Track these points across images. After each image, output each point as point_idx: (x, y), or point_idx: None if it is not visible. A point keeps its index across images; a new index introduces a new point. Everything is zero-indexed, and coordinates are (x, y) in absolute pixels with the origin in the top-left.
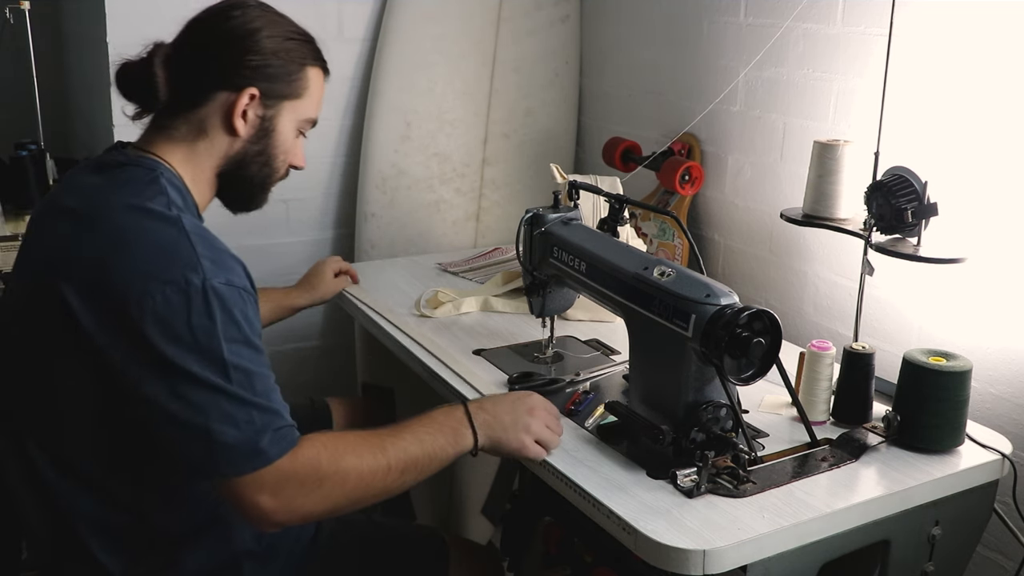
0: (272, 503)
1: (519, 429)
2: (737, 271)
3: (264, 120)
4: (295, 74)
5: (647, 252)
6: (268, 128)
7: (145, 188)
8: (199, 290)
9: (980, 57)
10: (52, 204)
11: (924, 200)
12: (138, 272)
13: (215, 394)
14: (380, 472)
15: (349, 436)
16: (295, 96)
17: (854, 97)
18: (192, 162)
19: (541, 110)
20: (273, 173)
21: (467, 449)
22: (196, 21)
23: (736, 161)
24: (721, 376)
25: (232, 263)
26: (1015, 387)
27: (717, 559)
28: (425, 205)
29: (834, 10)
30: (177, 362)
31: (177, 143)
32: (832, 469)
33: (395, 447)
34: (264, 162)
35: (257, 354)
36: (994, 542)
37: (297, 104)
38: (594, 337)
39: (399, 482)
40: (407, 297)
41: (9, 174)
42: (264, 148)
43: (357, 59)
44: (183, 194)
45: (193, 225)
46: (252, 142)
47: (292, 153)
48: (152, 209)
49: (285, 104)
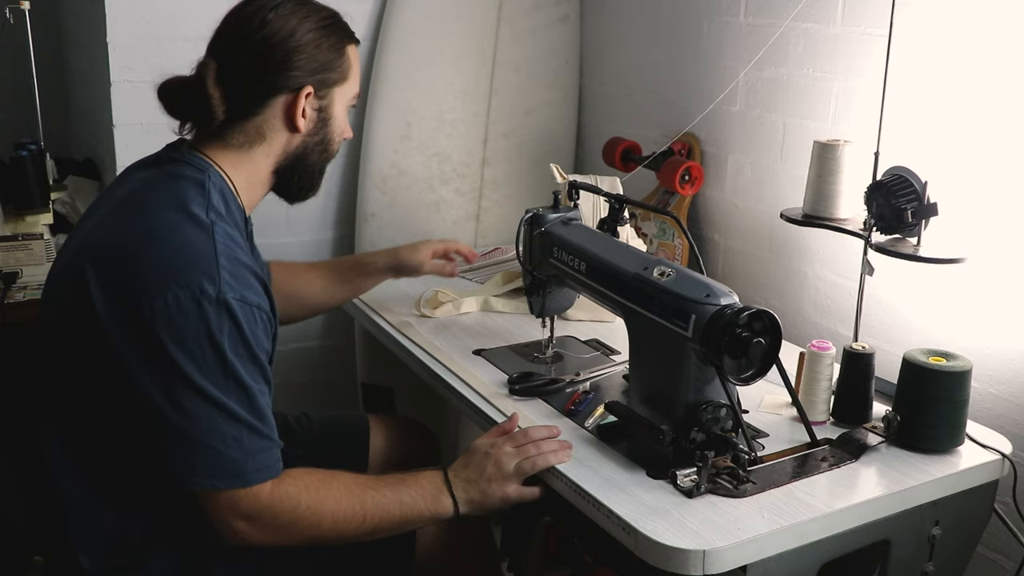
0: (244, 527)
1: (496, 483)
2: (737, 271)
3: (321, 111)
4: (338, 59)
5: (647, 252)
6: (326, 117)
7: (189, 188)
8: (212, 300)
9: (980, 57)
10: (108, 191)
11: (924, 200)
12: (158, 270)
13: (210, 406)
14: (354, 523)
15: (334, 483)
16: (343, 80)
17: (854, 97)
18: (246, 166)
19: (541, 110)
20: (331, 156)
21: (445, 516)
22: (233, 31)
23: (736, 161)
24: (721, 376)
25: (252, 280)
26: (1015, 387)
27: (717, 559)
28: (425, 205)
29: (834, 10)
30: (179, 367)
31: (233, 150)
32: (832, 469)
33: (375, 503)
34: (323, 148)
35: (260, 373)
36: (994, 542)
37: (345, 87)
38: (594, 337)
39: (370, 535)
40: (407, 297)
41: (9, 174)
42: (324, 136)
43: None
44: (227, 200)
45: (224, 236)
46: (311, 134)
47: (344, 130)
48: (190, 211)
49: (336, 90)
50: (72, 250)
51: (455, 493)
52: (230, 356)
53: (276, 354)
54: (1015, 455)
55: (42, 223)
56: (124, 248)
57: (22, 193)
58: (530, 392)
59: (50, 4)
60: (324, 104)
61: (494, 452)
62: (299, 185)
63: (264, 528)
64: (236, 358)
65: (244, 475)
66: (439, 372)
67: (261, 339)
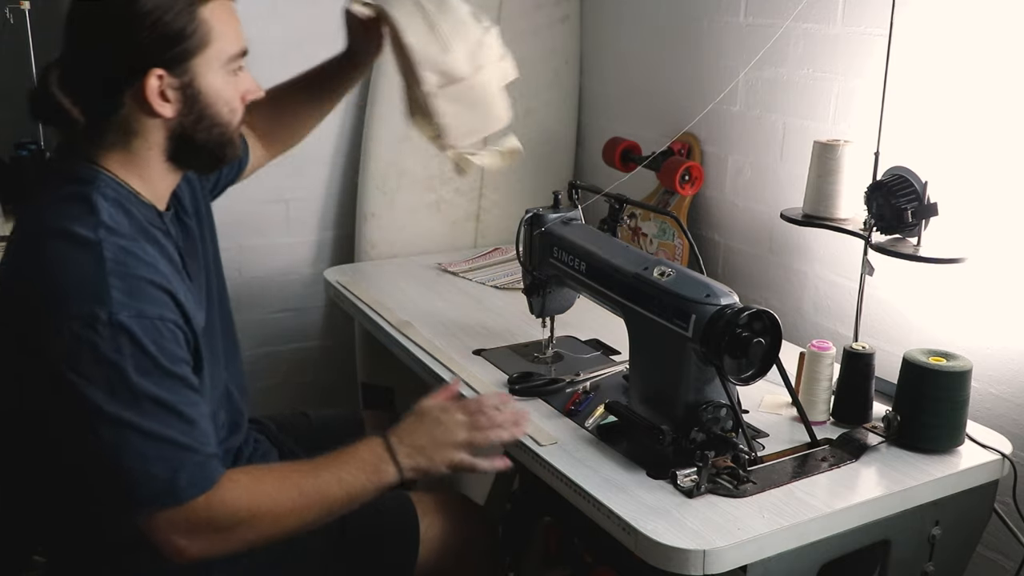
0: (185, 544)
1: (444, 450)
2: (737, 271)
3: (185, 89)
4: (190, 26)
5: (647, 252)
6: (194, 93)
7: (73, 208)
8: (105, 324)
9: (980, 57)
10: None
11: (924, 200)
12: (49, 306)
13: (125, 430)
14: (295, 514)
15: (268, 478)
16: (203, 47)
17: (854, 97)
18: (134, 162)
19: (541, 110)
20: (225, 127)
21: (390, 485)
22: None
23: (736, 161)
24: (721, 376)
25: (150, 291)
26: (1015, 387)
27: (717, 559)
28: (425, 205)
29: (834, 10)
30: (87, 399)
31: (112, 150)
32: (832, 469)
33: (314, 489)
34: (208, 124)
35: (177, 384)
36: (994, 542)
37: (209, 53)
38: (594, 337)
39: (316, 521)
40: (407, 297)
41: (9, 174)
42: (201, 112)
43: None
44: (125, 204)
45: (116, 251)
46: (184, 115)
47: (234, 96)
48: (75, 233)
49: (196, 62)
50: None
51: (399, 460)
52: (134, 378)
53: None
54: (1015, 455)
55: None
56: (15, 289)
57: (22, 193)
58: (530, 392)
59: (50, 4)
60: (187, 80)
61: (445, 418)
62: (202, 161)
63: (205, 540)
64: (143, 377)
65: (175, 492)
66: (439, 372)
67: (171, 350)
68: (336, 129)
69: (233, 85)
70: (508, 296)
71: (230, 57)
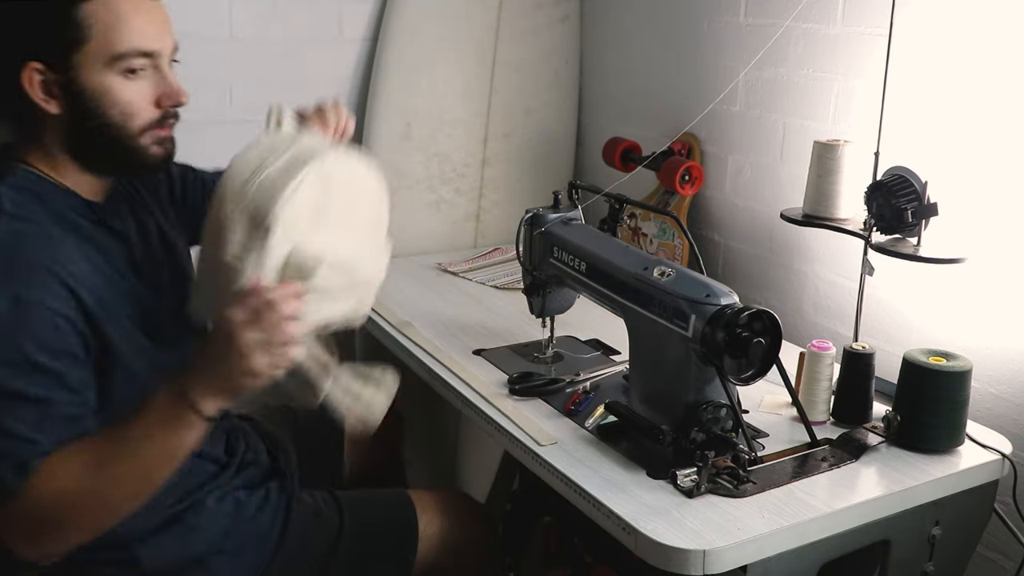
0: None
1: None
2: (737, 271)
3: (68, 86)
4: (65, 18)
5: (647, 252)
6: (78, 91)
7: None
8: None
9: (980, 57)
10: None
11: (924, 200)
12: None
13: None
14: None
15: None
16: (84, 41)
17: (854, 97)
18: (50, 155)
19: (541, 110)
20: (119, 129)
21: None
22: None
23: (736, 161)
24: (721, 376)
25: (36, 275)
26: (1015, 387)
27: (717, 559)
28: (425, 205)
29: (834, 10)
30: None
31: (30, 143)
32: (832, 469)
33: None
34: (98, 125)
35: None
36: (994, 542)
37: (92, 47)
38: (594, 337)
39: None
40: (407, 297)
41: None
42: (88, 111)
43: (357, 59)
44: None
45: (5, 234)
46: (71, 113)
47: (133, 99)
48: None
49: (76, 58)
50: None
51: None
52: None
53: None
54: (1015, 455)
55: None
56: None
57: None
58: (530, 392)
59: None
60: (69, 76)
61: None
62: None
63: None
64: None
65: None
66: (439, 372)
67: (47, 339)
68: None
69: (130, 87)
70: (508, 296)
71: (114, 55)
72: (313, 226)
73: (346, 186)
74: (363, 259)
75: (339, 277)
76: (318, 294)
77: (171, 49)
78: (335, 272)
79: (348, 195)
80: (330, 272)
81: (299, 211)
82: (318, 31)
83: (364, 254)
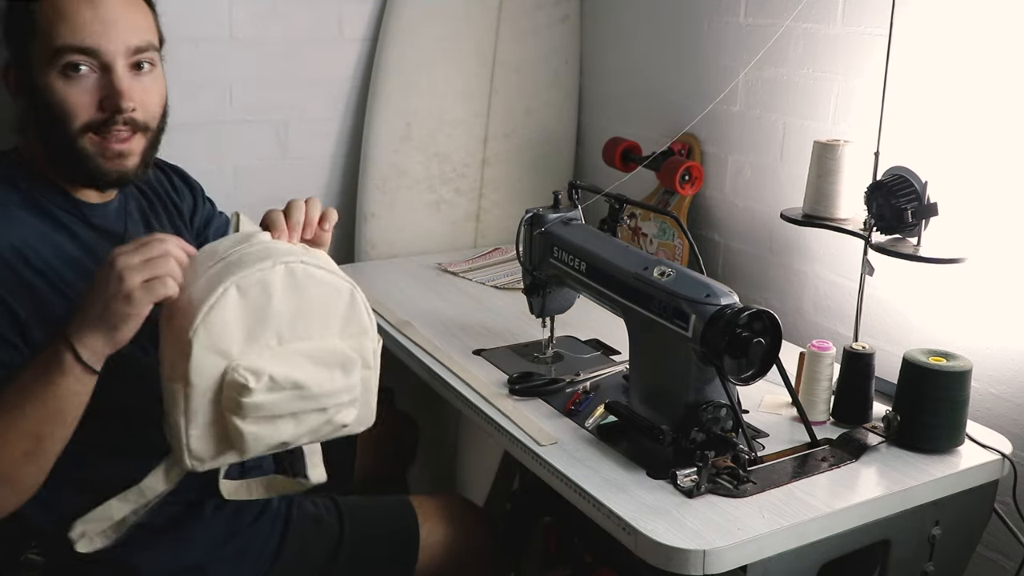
0: None
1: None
2: (737, 271)
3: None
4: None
5: (647, 252)
6: (31, 87)
7: None
8: None
9: (980, 57)
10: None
11: (924, 200)
12: None
13: None
14: None
15: None
16: (31, 37)
17: (854, 97)
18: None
19: (541, 110)
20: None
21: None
22: None
23: (736, 161)
24: (721, 376)
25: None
26: (1015, 387)
27: (717, 559)
28: (425, 205)
29: (834, 10)
30: None
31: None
32: (832, 469)
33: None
34: (46, 124)
35: None
36: (994, 542)
37: (37, 45)
38: (594, 337)
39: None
40: (407, 297)
41: None
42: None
43: (357, 59)
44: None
45: None
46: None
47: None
48: None
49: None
50: None
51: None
52: None
53: None
54: (1015, 455)
55: None
56: None
57: None
58: (530, 392)
59: None
60: (29, 73)
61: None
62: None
63: None
64: None
65: None
66: (439, 372)
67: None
68: (336, 129)
69: (70, 86)
70: (508, 296)
71: (53, 51)
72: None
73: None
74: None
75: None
76: (265, 415)
77: (126, 49)
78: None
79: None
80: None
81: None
82: (318, 31)
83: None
